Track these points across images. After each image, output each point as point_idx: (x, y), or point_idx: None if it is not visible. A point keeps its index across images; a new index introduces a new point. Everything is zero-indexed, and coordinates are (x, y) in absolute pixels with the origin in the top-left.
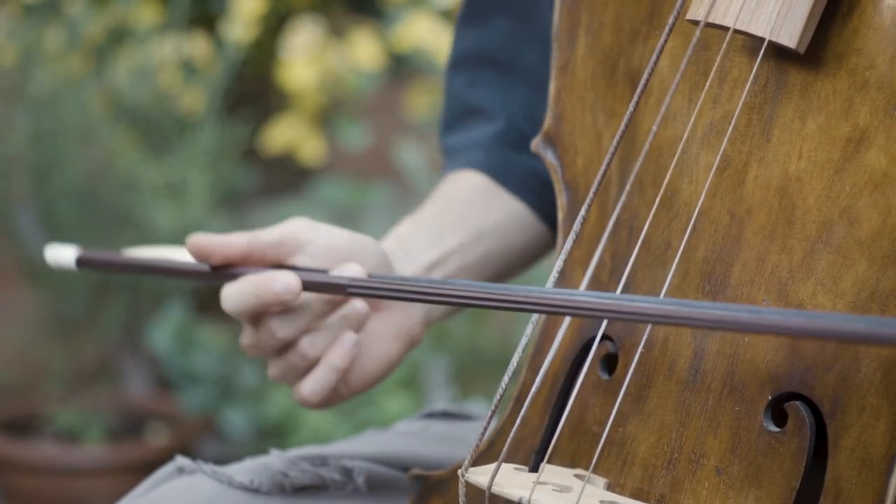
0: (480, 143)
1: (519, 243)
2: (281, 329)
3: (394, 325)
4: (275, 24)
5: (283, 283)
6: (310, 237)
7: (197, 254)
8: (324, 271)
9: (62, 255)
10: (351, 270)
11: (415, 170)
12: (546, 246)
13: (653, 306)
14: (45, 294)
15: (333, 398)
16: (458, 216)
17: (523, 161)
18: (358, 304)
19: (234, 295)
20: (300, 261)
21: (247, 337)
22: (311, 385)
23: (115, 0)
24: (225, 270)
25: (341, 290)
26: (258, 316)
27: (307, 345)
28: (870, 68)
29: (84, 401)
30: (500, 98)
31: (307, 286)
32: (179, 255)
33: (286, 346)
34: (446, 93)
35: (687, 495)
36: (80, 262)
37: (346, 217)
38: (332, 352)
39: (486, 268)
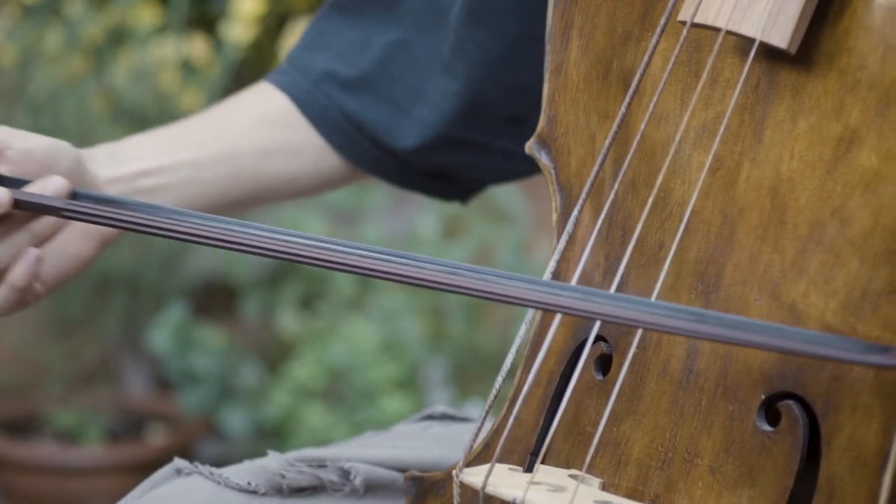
0: (310, 69)
1: (289, 172)
2: None
3: (85, 225)
4: (274, 26)
5: None
6: (9, 142)
7: None
8: (26, 181)
9: None
10: (54, 183)
11: None
12: (333, 180)
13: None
14: None
15: (27, 299)
16: (215, 133)
17: (345, 102)
18: (44, 221)
19: None
20: (1, 169)
21: None
22: None
23: (115, 1)
24: None
25: (56, 213)
26: None
27: None
28: (861, 68)
29: (84, 401)
30: (360, 36)
31: (20, 205)
32: None
33: None
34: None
35: (681, 495)
36: None
37: (344, 218)
38: (14, 270)
39: (226, 187)
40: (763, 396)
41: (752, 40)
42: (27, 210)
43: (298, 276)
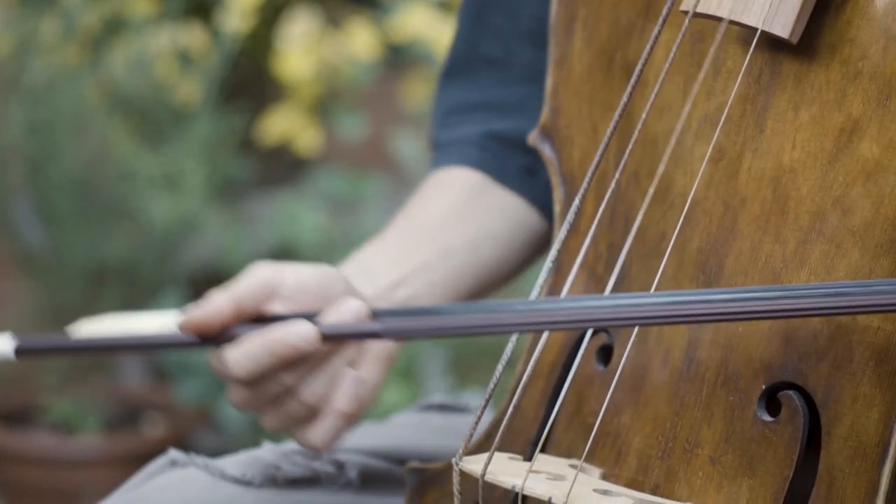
0: (473, 139)
1: (502, 254)
2: (288, 377)
3: (373, 347)
4: (271, 15)
5: (300, 334)
6: (280, 280)
7: (194, 333)
8: (312, 314)
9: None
10: (352, 307)
11: (411, 160)
12: (539, 238)
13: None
14: (40, 285)
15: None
16: (425, 233)
17: (518, 158)
18: (351, 348)
19: (244, 359)
20: (276, 307)
21: (239, 393)
22: (322, 434)
23: None
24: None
25: (373, 336)
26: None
27: (307, 391)
28: (862, 58)
29: (80, 391)
30: (496, 94)
31: (329, 338)
32: (139, 322)
33: (284, 395)
34: (436, 94)
35: (681, 485)
36: (21, 351)
37: (342, 208)
38: (338, 397)
39: (456, 285)
40: (763, 386)
41: (754, 30)
42: (337, 341)
43: None
